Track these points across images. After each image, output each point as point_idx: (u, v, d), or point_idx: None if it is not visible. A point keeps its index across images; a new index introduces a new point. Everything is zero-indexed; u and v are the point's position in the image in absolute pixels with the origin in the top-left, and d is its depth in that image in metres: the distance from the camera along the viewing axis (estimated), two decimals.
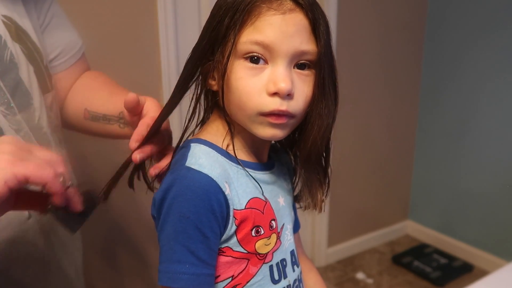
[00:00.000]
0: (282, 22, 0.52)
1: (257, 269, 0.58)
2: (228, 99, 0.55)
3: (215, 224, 0.52)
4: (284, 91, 0.52)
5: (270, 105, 0.53)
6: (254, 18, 0.52)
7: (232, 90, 0.54)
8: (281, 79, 0.52)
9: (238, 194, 0.55)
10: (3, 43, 0.61)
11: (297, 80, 0.54)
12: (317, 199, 0.64)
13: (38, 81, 0.66)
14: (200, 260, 0.51)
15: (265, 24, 0.52)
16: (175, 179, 0.52)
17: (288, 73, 0.53)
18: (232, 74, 0.54)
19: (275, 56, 0.52)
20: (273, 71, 0.53)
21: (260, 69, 0.53)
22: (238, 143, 0.59)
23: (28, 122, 0.64)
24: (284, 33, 0.52)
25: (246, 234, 0.56)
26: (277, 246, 0.61)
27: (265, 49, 0.52)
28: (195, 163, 0.53)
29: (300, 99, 0.54)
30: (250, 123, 0.55)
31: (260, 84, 0.53)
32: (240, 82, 0.53)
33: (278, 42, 0.52)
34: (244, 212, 0.55)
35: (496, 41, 2.04)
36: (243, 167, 0.57)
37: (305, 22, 0.53)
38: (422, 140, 2.46)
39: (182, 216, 0.50)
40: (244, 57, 0.53)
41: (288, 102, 0.53)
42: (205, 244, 0.51)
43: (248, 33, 0.52)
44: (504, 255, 2.13)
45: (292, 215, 0.67)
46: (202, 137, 0.58)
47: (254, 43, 0.52)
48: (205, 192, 0.51)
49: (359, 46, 2.06)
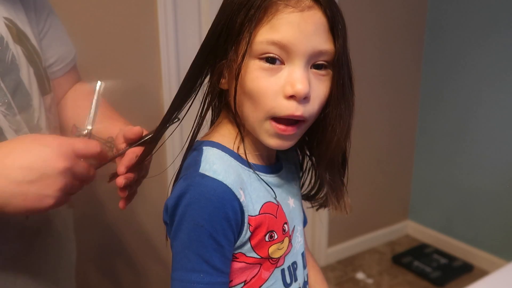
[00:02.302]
0: (301, 20, 0.49)
1: (270, 274, 0.57)
2: (241, 100, 0.53)
3: (230, 232, 0.50)
4: (302, 93, 0.49)
5: (285, 109, 0.50)
6: (271, 16, 0.49)
7: (246, 91, 0.52)
8: (299, 81, 0.49)
9: (252, 200, 0.54)
10: (5, 45, 0.61)
11: (314, 81, 0.52)
12: (345, 201, 0.62)
13: (38, 82, 0.67)
14: (214, 268, 0.50)
15: (282, 22, 0.49)
16: (189, 185, 0.50)
17: (306, 74, 0.50)
18: (247, 74, 0.51)
19: (293, 57, 0.50)
20: (291, 72, 0.50)
21: (276, 69, 0.50)
22: (249, 146, 0.57)
23: (27, 122, 0.64)
24: (302, 32, 0.49)
25: (260, 240, 0.54)
26: (289, 249, 0.60)
27: (282, 49, 0.50)
28: (209, 170, 0.51)
29: (315, 101, 0.52)
30: (259, 128, 0.53)
31: (277, 86, 0.50)
32: (256, 83, 0.51)
33: (297, 42, 0.49)
34: (258, 218, 0.54)
35: (496, 41, 2.04)
36: (254, 171, 0.56)
37: (324, 20, 0.50)
38: (422, 140, 2.46)
39: (196, 224, 0.49)
40: (260, 57, 0.50)
41: (304, 106, 0.51)
42: (219, 252, 0.50)
43: (265, 32, 0.50)
44: (504, 255, 2.13)
45: (301, 215, 0.66)
46: (214, 139, 0.56)
47: (271, 43, 0.49)
48: (220, 200, 0.49)
49: (359, 46, 2.06)
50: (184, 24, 1.55)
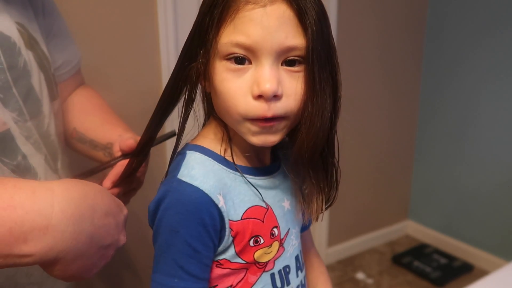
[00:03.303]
0: (264, 16, 0.47)
1: (257, 278, 0.56)
2: (216, 103, 0.53)
3: (207, 238, 0.50)
4: (269, 92, 0.47)
5: (256, 110, 0.48)
6: (233, 14, 0.47)
7: (217, 93, 0.51)
8: (266, 80, 0.47)
9: (235, 205, 0.53)
10: (18, 50, 0.61)
11: (286, 78, 0.49)
12: (313, 207, 0.58)
13: (48, 88, 0.67)
14: (189, 274, 0.50)
15: (245, 20, 0.47)
16: (168, 191, 0.50)
17: (274, 72, 0.48)
18: (216, 76, 0.50)
19: (259, 55, 0.48)
20: (258, 71, 0.48)
21: (244, 70, 0.49)
22: (237, 148, 0.56)
23: (38, 129, 0.64)
24: (266, 28, 0.47)
25: (244, 245, 0.54)
26: (280, 253, 0.58)
27: (247, 49, 0.48)
28: (187, 175, 0.51)
29: (290, 98, 0.50)
30: (240, 127, 0.51)
31: (245, 86, 0.49)
32: (224, 84, 0.49)
33: (261, 39, 0.47)
34: (240, 223, 0.53)
35: (496, 41, 2.04)
36: (241, 173, 0.54)
37: (290, 14, 0.48)
38: (422, 140, 2.46)
39: (172, 230, 0.49)
40: (226, 58, 0.49)
41: (275, 105, 0.48)
42: (195, 258, 0.50)
43: (228, 32, 0.48)
44: (504, 255, 2.13)
45: (299, 218, 0.63)
46: (199, 143, 0.56)
47: (235, 44, 0.48)
48: (196, 205, 0.49)
49: (359, 46, 2.06)
50: (184, 24, 1.55)
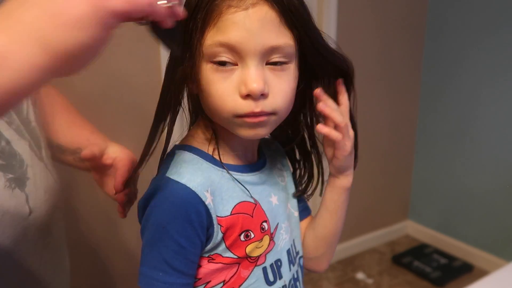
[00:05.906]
0: (246, 19, 0.48)
1: (249, 272, 0.57)
2: (205, 103, 0.54)
3: (193, 234, 0.51)
4: (257, 92, 0.49)
5: (245, 107, 0.50)
6: (216, 18, 0.49)
7: (205, 95, 0.52)
8: (253, 80, 0.49)
9: (223, 201, 0.54)
10: None
11: (271, 77, 0.51)
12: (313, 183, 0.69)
13: None
14: (174, 269, 0.52)
15: (227, 23, 0.48)
16: (156, 188, 0.52)
17: (260, 72, 0.50)
18: (203, 78, 0.51)
19: (243, 56, 0.49)
20: (244, 72, 0.50)
21: (230, 71, 0.50)
22: (224, 147, 0.58)
23: (18, 115, 0.64)
24: (249, 30, 0.48)
25: (234, 240, 0.55)
26: (271, 247, 0.60)
27: (232, 51, 0.49)
28: (175, 173, 0.52)
29: (278, 96, 0.51)
30: (231, 124, 0.53)
31: (232, 87, 0.50)
32: (212, 86, 0.51)
33: (244, 41, 0.48)
34: (229, 219, 0.54)
35: (496, 41, 2.04)
36: (228, 171, 0.56)
37: (272, 15, 0.49)
38: (422, 140, 2.46)
39: (159, 225, 0.51)
40: (212, 60, 0.50)
41: (263, 102, 0.50)
42: (181, 254, 0.51)
43: (212, 35, 0.49)
44: (504, 255, 2.13)
45: (288, 211, 0.66)
46: (187, 143, 0.58)
47: (219, 45, 0.49)
48: (182, 202, 0.51)
49: (359, 46, 2.07)
50: None
